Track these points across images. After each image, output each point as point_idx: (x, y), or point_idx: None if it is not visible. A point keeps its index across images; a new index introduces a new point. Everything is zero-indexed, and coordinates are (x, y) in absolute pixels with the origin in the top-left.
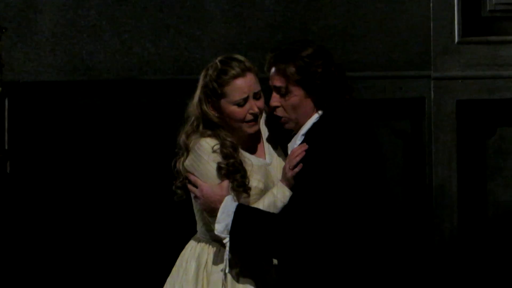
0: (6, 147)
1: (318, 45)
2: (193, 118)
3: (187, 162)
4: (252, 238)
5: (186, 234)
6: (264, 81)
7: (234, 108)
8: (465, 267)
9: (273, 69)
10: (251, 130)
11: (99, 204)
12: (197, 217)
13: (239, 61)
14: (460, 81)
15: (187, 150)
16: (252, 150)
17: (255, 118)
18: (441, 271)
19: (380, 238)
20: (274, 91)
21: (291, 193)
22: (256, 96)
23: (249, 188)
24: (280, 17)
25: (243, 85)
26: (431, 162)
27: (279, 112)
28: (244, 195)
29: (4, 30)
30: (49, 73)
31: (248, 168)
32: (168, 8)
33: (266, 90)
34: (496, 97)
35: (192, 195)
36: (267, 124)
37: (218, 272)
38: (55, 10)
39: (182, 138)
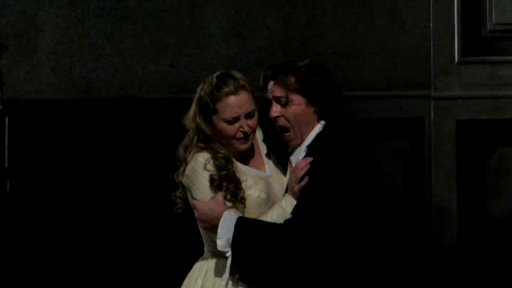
0: (6, 165)
1: (312, 59)
2: (190, 131)
3: (185, 175)
4: (254, 250)
5: (193, 253)
6: (261, 100)
7: (224, 125)
8: (465, 286)
9: (271, 82)
10: (241, 147)
11: (99, 222)
12: (204, 237)
13: (234, 79)
14: (460, 101)
15: (185, 162)
16: (252, 163)
17: (246, 136)
18: None
19: (380, 253)
20: (274, 102)
21: None
22: (248, 116)
23: (244, 199)
24: (280, 36)
25: (234, 103)
26: (430, 182)
27: (281, 121)
28: (241, 205)
29: (4, 48)
30: (50, 91)
31: (242, 178)
32: (169, 27)
33: (262, 109)
34: (496, 117)
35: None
36: (264, 140)
37: None
38: (55, 28)
39: (180, 151)
